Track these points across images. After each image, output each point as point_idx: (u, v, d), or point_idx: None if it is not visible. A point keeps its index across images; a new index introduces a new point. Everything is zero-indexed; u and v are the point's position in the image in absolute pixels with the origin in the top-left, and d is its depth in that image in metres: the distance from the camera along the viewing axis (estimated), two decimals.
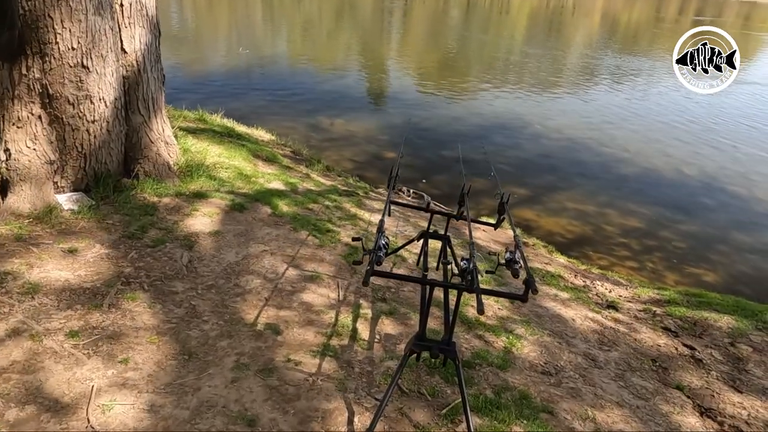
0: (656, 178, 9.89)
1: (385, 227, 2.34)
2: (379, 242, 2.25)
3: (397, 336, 2.97)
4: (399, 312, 3.21)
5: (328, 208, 4.84)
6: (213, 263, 3.34)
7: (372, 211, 5.20)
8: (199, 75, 13.18)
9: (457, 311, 2.20)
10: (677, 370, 3.23)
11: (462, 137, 10.52)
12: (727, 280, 6.76)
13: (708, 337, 3.73)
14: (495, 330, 3.26)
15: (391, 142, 9.72)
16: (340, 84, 13.74)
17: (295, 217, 4.26)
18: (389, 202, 2.74)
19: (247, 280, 3.23)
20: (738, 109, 14.82)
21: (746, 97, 16.34)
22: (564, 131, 11.61)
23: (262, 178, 5.14)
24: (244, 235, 3.77)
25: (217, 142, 5.79)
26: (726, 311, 4.15)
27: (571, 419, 2.54)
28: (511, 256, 2.50)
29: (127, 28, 3.73)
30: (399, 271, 3.75)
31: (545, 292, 4.11)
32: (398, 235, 4.52)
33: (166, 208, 3.87)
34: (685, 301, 4.41)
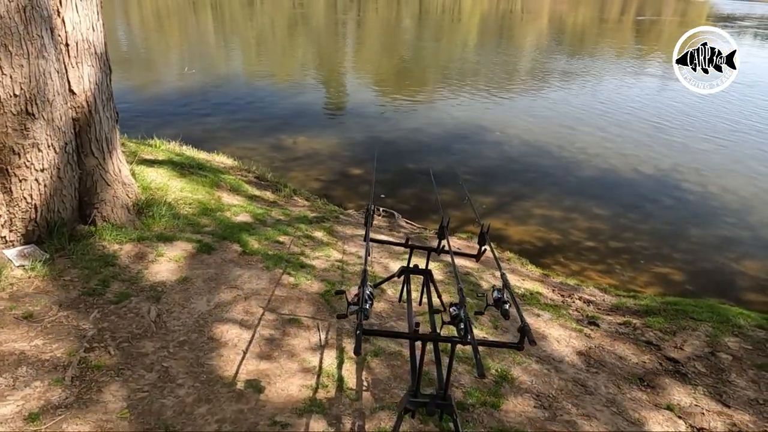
0: (615, 178, 10.11)
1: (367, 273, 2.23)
2: (364, 295, 2.14)
3: (386, 380, 2.85)
4: (385, 352, 3.09)
5: (300, 239, 4.68)
6: (183, 315, 3.14)
7: (344, 238, 5.06)
8: (152, 99, 12.76)
9: (452, 365, 2.10)
10: (665, 387, 3.22)
11: (425, 149, 10.53)
12: (692, 277, 6.94)
13: (689, 348, 3.76)
14: (483, 360, 3.17)
15: (356, 158, 9.64)
16: (298, 100, 13.57)
17: (266, 254, 4.09)
18: (368, 246, 2.62)
19: (221, 332, 3.05)
20: (681, 103, 15.40)
21: (686, 92, 17.01)
22: (523, 136, 11.78)
23: (228, 212, 4.93)
24: (214, 279, 3.58)
25: (178, 174, 5.54)
26: (702, 318, 4.21)
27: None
28: (500, 295, 2.42)
29: (75, 68, 3.50)
30: (379, 305, 3.63)
31: (526, 312, 4.07)
32: (372, 263, 4.41)
33: (128, 255, 3.63)
34: (662, 310, 4.46)
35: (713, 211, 9.04)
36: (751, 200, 9.72)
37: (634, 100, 15.32)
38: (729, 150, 11.90)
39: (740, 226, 8.55)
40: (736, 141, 12.34)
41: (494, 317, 3.80)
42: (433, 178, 3.66)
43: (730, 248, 7.72)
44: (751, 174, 10.88)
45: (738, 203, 9.43)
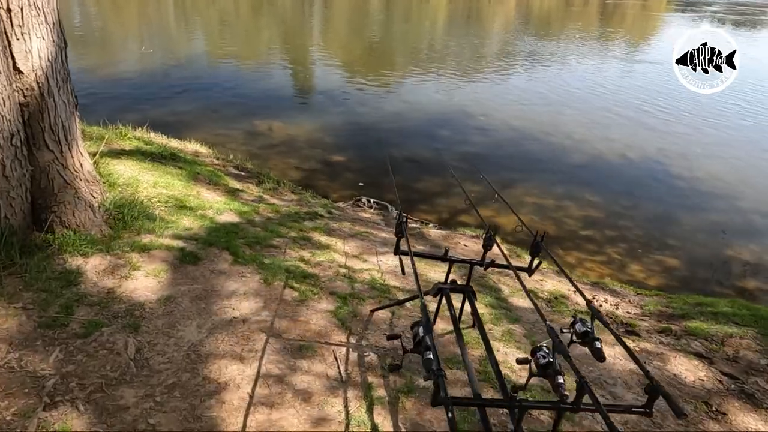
0: (604, 164, 9.86)
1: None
2: (425, 342, 1.64)
3: (428, 424, 2.34)
4: (419, 387, 2.57)
5: (296, 241, 4.09)
6: (170, 348, 2.53)
7: (344, 237, 4.50)
8: (110, 80, 11.72)
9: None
10: (737, 414, 2.83)
11: (407, 134, 10.01)
12: (688, 265, 6.73)
13: (743, 361, 3.39)
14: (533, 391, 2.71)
15: (336, 145, 9.03)
16: (267, 83, 12.76)
17: (261, 262, 3.49)
18: (414, 267, 2.08)
19: (219, 368, 2.46)
20: (658, 85, 15.32)
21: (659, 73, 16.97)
22: (508, 121, 11.39)
23: (210, 210, 4.29)
24: (204, 298, 2.97)
25: (149, 166, 4.83)
26: (744, 323, 3.86)
27: None
28: (585, 327, 1.95)
29: (20, 40, 2.79)
30: (403, 325, 3.11)
31: (563, 321, 3.62)
32: (362, 257, 3.86)
33: (96, 271, 2.98)
34: (696, 312, 4.09)
35: (702, 197, 8.88)
36: (738, 185, 9.61)
37: (612, 83, 15.15)
38: (711, 133, 11.82)
39: (730, 212, 8.42)
40: (717, 125, 12.26)
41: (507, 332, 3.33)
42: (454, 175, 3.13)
43: (721, 234, 7.57)
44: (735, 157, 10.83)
45: (726, 188, 9.30)
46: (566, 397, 1.66)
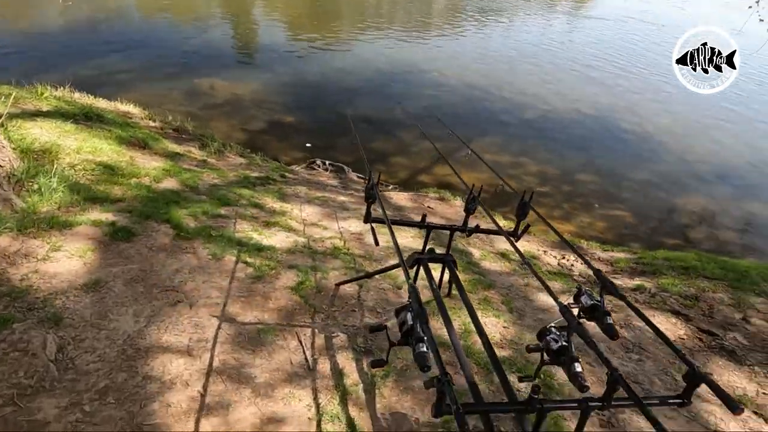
0: (557, 120, 9.78)
1: None
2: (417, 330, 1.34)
3: (410, 413, 2.07)
4: (396, 369, 2.29)
5: (247, 209, 3.67)
6: (101, 343, 2.13)
7: (300, 203, 4.11)
8: (31, 36, 10.48)
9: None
10: (721, 373, 2.73)
11: (359, 92, 9.54)
12: (642, 218, 6.79)
13: (719, 317, 3.31)
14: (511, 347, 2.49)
15: (285, 105, 8.47)
16: (204, 38, 11.77)
17: (208, 235, 3.07)
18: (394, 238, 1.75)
19: (162, 364, 2.09)
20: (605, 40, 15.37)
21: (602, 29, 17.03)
22: (462, 78, 11.08)
23: (147, 177, 3.78)
24: (141, 280, 2.55)
25: (72, 129, 4.22)
26: (714, 276, 3.80)
27: None
28: (593, 300, 1.70)
29: None
30: (375, 300, 2.80)
31: (539, 284, 3.43)
32: (322, 225, 3.53)
33: (5, 254, 2.49)
34: (666, 267, 4.01)
35: (653, 150, 8.98)
36: (686, 138, 9.79)
37: (561, 38, 15.06)
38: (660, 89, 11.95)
39: (678, 164, 8.56)
40: (666, 81, 12.37)
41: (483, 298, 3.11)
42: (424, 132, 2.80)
43: (671, 186, 7.69)
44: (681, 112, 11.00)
45: (674, 142, 9.45)
46: (586, 388, 1.40)
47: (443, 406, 1.12)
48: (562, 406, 1.25)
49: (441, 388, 1.11)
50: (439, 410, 1.13)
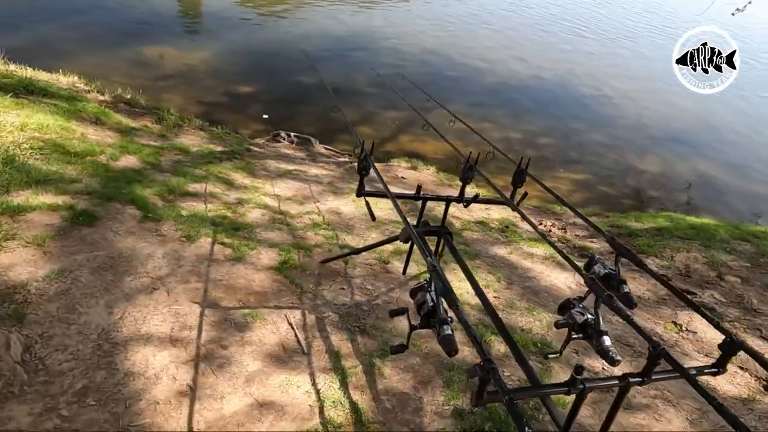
0: (519, 85, 9.80)
1: None
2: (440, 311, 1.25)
3: (413, 392, 1.99)
4: (393, 344, 2.20)
5: (217, 186, 3.46)
6: (72, 340, 1.93)
7: (271, 177, 3.91)
8: None
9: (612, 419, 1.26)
10: (704, 330, 2.79)
11: (317, 59, 9.19)
12: (605, 181, 6.93)
13: (696, 275, 3.39)
14: None
15: (240, 75, 8.08)
16: (152, 5, 10.98)
17: (179, 215, 2.86)
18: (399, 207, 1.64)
19: (144, 358, 1.92)
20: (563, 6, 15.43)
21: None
22: (422, 44, 10.88)
23: (103, 155, 3.48)
24: (110, 267, 2.33)
25: (11, 104, 3.82)
26: (687, 236, 3.89)
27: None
28: (607, 269, 1.66)
29: None
30: (363, 277, 2.68)
31: (522, 251, 3.40)
32: (309, 199, 3.38)
33: None
34: (640, 229, 4.08)
35: (611, 114, 9.15)
36: (642, 102, 10.01)
37: (520, 3, 14.99)
38: (617, 52, 12.12)
39: (637, 127, 8.76)
40: (624, 44, 12.55)
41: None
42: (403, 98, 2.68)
43: (631, 148, 7.87)
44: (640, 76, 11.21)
45: (631, 105, 9.65)
46: (618, 362, 1.35)
47: (485, 394, 1.04)
48: (603, 384, 1.19)
49: (485, 377, 1.01)
50: (481, 398, 1.04)
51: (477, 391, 1.04)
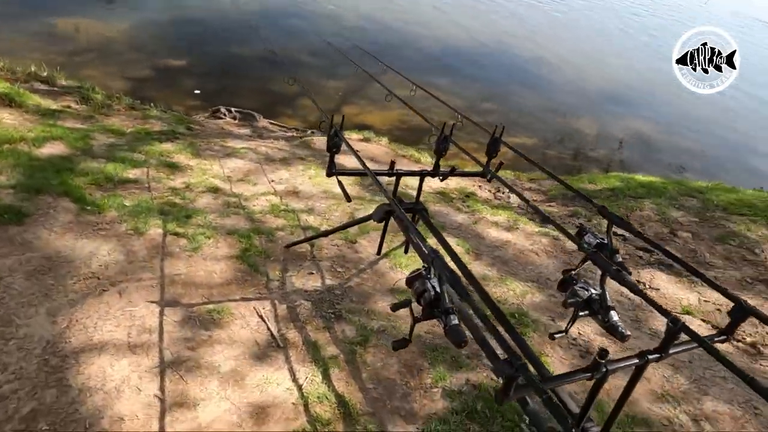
0: (459, 51, 9.78)
1: None
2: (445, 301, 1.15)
3: (399, 378, 1.90)
4: (373, 330, 2.10)
5: (160, 170, 3.17)
6: (12, 357, 1.69)
7: (218, 156, 3.64)
8: None
9: None
10: (666, 286, 2.87)
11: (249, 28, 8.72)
12: (546, 143, 7.06)
13: (651, 233, 3.48)
14: None
15: (167, 46, 7.53)
16: None
17: (121, 205, 2.58)
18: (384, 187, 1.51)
19: (101, 370, 1.71)
20: None
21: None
22: (359, 10, 10.60)
23: (24, 142, 3.09)
24: (48, 270, 2.07)
25: None
26: (638, 195, 3.99)
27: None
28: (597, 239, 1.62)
29: None
30: (333, 259, 2.54)
31: (486, 220, 3.36)
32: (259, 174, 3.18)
33: None
34: (594, 191, 4.15)
35: (551, 78, 9.32)
36: (581, 65, 10.25)
37: None
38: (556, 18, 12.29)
39: (575, 90, 8.98)
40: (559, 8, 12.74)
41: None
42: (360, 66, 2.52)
43: (570, 111, 8.06)
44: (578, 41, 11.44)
45: (570, 69, 9.86)
46: (628, 337, 1.30)
47: (512, 392, 0.94)
48: (624, 365, 1.13)
49: (512, 374, 0.92)
50: (507, 396, 0.95)
51: (503, 388, 0.95)
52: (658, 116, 8.36)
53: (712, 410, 2.02)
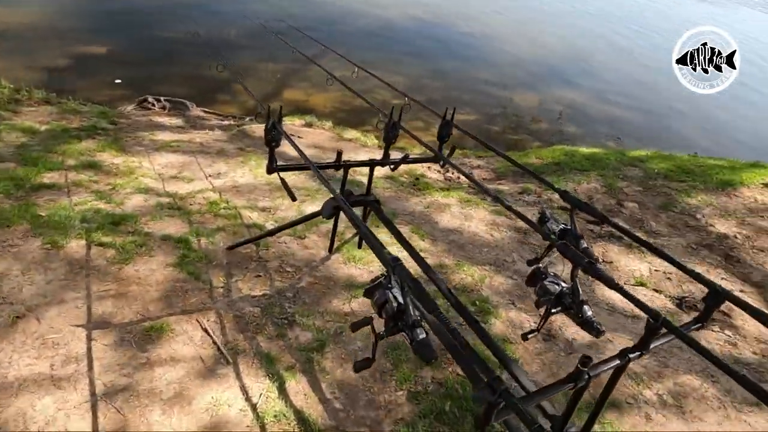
0: (397, 28, 9.63)
1: None
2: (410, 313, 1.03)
3: (362, 384, 1.79)
4: (329, 333, 1.96)
5: (81, 172, 2.86)
6: None
7: (147, 152, 3.35)
8: None
9: None
10: (619, 258, 2.89)
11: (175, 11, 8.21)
12: (487, 118, 7.07)
13: (599, 205, 3.51)
14: None
15: (82, 31, 6.95)
16: None
17: (36, 216, 2.29)
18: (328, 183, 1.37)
19: (19, 412, 1.49)
20: None
21: None
22: None
23: None
24: None
25: None
26: (583, 168, 4.02)
27: None
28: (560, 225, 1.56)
29: None
30: (276, 258, 2.37)
31: (437, 203, 3.27)
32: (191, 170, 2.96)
33: None
34: (541, 165, 4.15)
35: (490, 54, 9.34)
36: (519, 41, 10.31)
37: None
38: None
39: (515, 65, 9.03)
40: None
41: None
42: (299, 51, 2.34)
43: (511, 85, 8.11)
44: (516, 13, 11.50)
45: (509, 44, 9.91)
46: (603, 333, 1.23)
47: (492, 417, 0.84)
48: (606, 369, 1.05)
49: (494, 401, 0.81)
50: (489, 422, 0.85)
51: (485, 414, 0.84)
52: (594, 87, 8.54)
53: (673, 383, 2.03)
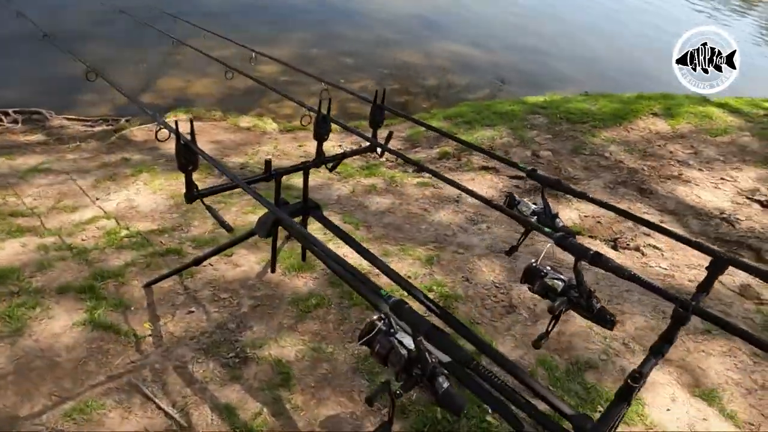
0: None
1: None
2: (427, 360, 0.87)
3: (343, 412, 1.60)
4: (290, 360, 1.74)
5: None
6: None
7: (11, 181, 2.78)
8: None
9: None
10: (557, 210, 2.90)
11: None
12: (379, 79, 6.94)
13: (516, 158, 3.53)
14: None
15: None
16: None
17: None
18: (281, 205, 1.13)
19: None
20: None
21: None
22: None
23: None
24: None
25: None
26: (493, 123, 4.02)
27: None
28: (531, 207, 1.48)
29: None
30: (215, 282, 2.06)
31: (362, 185, 3.08)
32: None
33: None
34: (454, 125, 4.10)
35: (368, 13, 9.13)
36: None
37: None
38: None
39: (395, 23, 8.92)
40: None
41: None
42: (171, 36, 2.01)
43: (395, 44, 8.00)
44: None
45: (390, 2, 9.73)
46: (615, 324, 1.14)
47: None
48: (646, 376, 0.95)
49: None
50: None
51: None
52: (472, 37, 8.66)
53: (634, 328, 2.08)
